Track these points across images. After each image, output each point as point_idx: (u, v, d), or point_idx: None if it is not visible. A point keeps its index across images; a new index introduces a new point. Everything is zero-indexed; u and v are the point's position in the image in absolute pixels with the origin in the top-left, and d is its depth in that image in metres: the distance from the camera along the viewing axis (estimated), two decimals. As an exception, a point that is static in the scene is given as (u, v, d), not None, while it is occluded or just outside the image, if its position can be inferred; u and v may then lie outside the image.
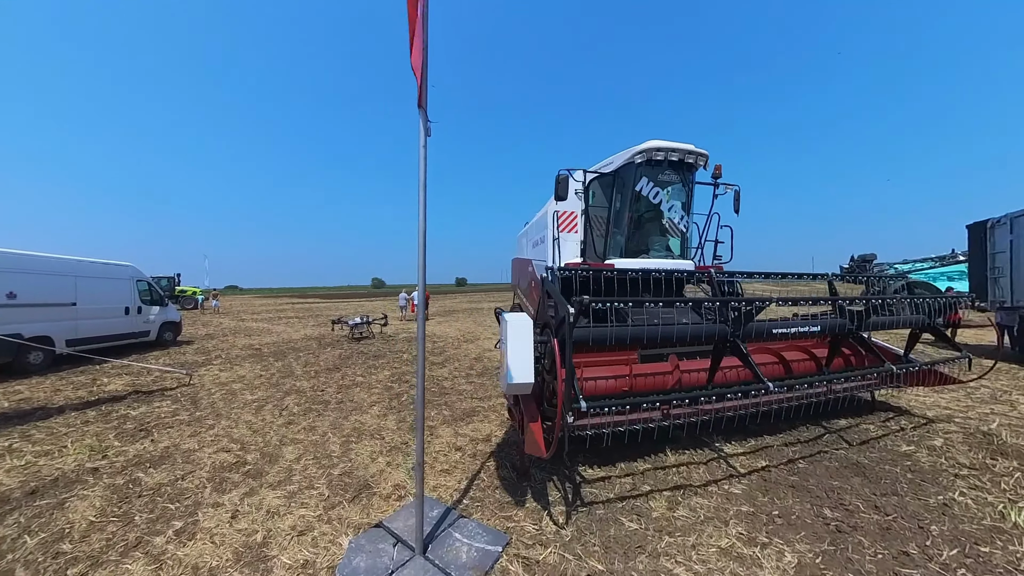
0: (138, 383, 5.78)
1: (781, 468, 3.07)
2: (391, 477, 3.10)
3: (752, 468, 3.07)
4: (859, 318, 3.56)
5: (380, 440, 3.85)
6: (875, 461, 3.14)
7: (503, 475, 3.12)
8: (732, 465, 3.15)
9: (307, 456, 3.48)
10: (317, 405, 4.98)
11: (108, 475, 3.07)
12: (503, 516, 2.58)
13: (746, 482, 2.88)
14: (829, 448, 3.41)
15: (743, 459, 3.25)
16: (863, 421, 4.04)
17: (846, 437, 3.63)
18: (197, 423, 4.26)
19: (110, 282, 7.38)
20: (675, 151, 5.16)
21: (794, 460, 3.20)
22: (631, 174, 5.31)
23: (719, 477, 2.95)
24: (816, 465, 3.11)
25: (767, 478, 2.92)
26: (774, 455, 3.31)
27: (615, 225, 5.62)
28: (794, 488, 2.78)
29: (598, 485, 2.91)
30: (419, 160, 2.15)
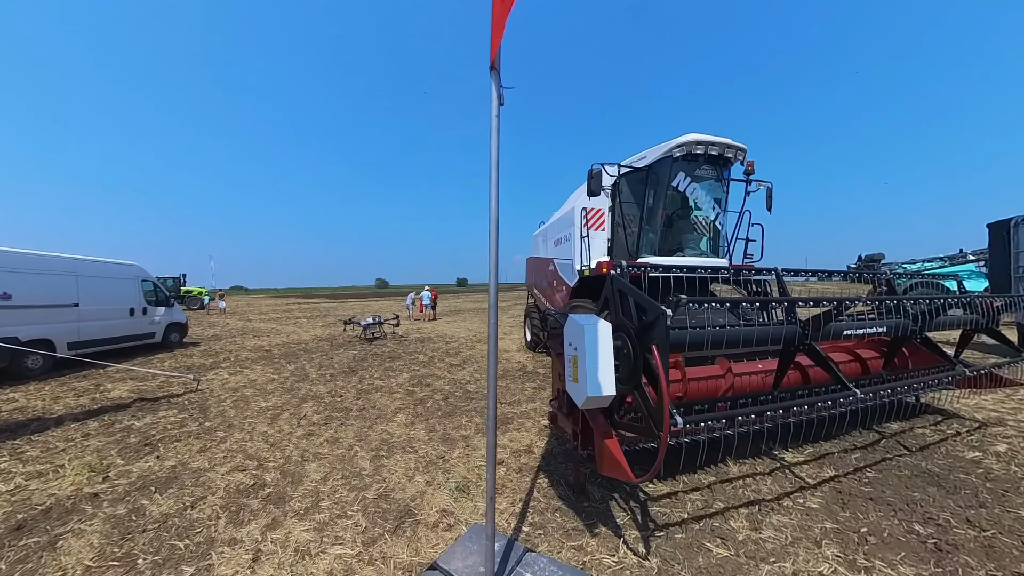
0: (143, 389, 5.25)
1: (850, 478, 2.80)
2: (434, 500, 2.64)
3: (820, 479, 2.80)
4: (923, 318, 3.23)
5: (413, 454, 3.38)
6: (945, 469, 2.90)
7: (559, 493, 2.68)
8: (798, 475, 2.85)
9: (334, 475, 3.00)
10: (338, 413, 4.50)
11: (109, 502, 2.57)
12: (572, 546, 2.16)
13: (820, 495, 2.61)
14: (891, 455, 3.14)
15: (807, 469, 2.96)
16: (914, 425, 3.75)
17: (903, 442, 3.36)
18: (207, 435, 3.76)
19: (114, 282, 6.82)
20: (715, 145, 4.74)
21: (861, 469, 2.92)
22: (666, 169, 4.88)
23: (789, 489, 2.67)
24: (886, 474, 2.84)
25: (840, 489, 2.66)
26: (837, 463, 3.03)
27: (647, 222, 5.19)
28: (872, 501, 2.52)
29: (666, 503, 2.56)
30: (491, 133, 1.69)
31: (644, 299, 2.13)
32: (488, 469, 1.83)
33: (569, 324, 2.26)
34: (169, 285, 21.55)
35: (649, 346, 2.10)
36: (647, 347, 2.13)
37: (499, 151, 1.72)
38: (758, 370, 3.25)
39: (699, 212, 5.13)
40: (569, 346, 2.25)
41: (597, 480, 2.82)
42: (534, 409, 4.56)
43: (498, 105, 1.71)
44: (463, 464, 3.17)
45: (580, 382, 2.08)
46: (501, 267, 1.88)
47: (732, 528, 2.27)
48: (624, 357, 2.24)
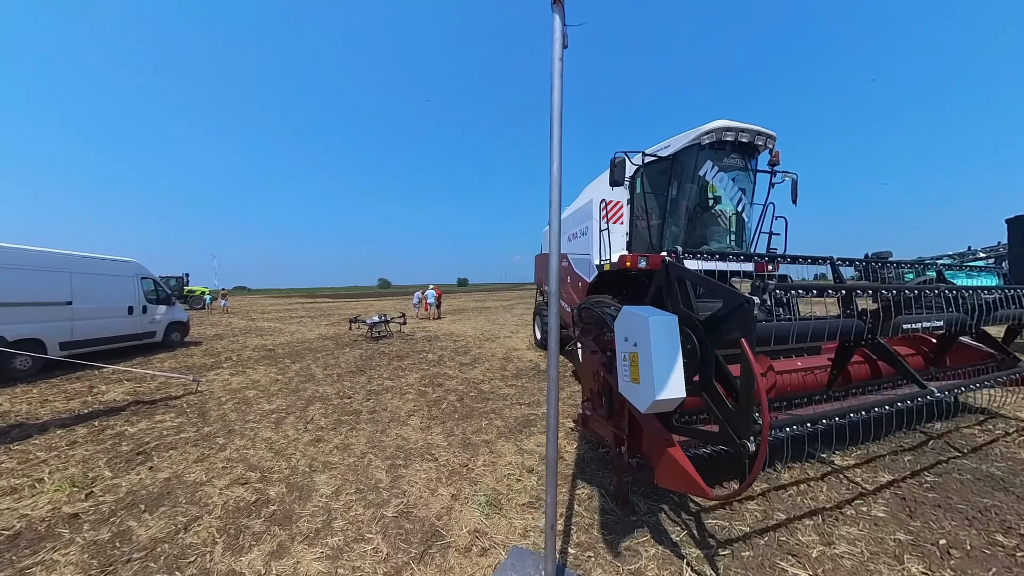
0: (140, 391, 4.84)
1: (909, 483, 2.57)
2: (462, 517, 2.27)
3: (877, 484, 2.57)
4: (981, 311, 2.90)
5: (433, 462, 3.00)
6: (1008, 472, 2.67)
7: (601, 506, 2.33)
8: (853, 481, 2.61)
9: (347, 488, 2.62)
10: (347, 416, 4.11)
11: (91, 524, 2.18)
12: (630, 571, 1.83)
13: (882, 502, 2.37)
14: (944, 457, 2.91)
15: (860, 473, 2.71)
16: (958, 425, 3.48)
17: (952, 444, 3.11)
18: (206, 442, 3.37)
19: (111, 279, 6.38)
20: (745, 131, 4.38)
21: (918, 473, 2.70)
22: (693, 158, 4.53)
23: (848, 496, 2.43)
24: (946, 478, 2.62)
25: (903, 496, 2.43)
26: (891, 467, 2.79)
27: (670, 214, 4.83)
28: (941, 508, 2.29)
29: (721, 514, 2.26)
30: (552, 80, 1.33)
31: (719, 287, 1.78)
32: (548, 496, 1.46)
33: (626, 317, 1.91)
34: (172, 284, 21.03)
35: (723, 340, 1.77)
36: (719, 341, 1.81)
37: (562, 103, 1.36)
38: (798, 368, 2.92)
39: (726, 204, 4.79)
40: (625, 342, 1.91)
41: (640, 489, 2.48)
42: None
43: (561, 47, 1.34)
44: (490, 474, 2.80)
45: (643, 383, 1.75)
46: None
47: (802, 543, 2.00)
48: (689, 354, 1.90)
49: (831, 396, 2.83)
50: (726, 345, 1.77)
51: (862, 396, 2.89)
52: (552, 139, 1.35)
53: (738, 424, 1.70)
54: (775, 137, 4.64)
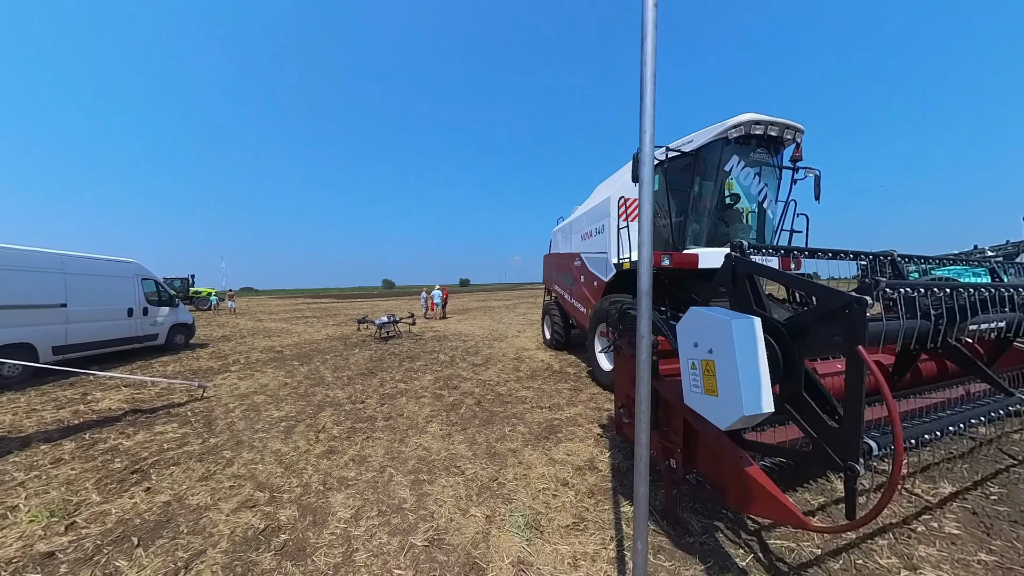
0: (139, 398, 4.40)
1: (975, 495, 2.29)
2: (501, 545, 1.91)
3: (940, 496, 2.29)
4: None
5: (460, 475, 2.65)
6: None
7: (652, 524, 2.00)
8: (914, 492, 2.33)
9: (368, 510, 2.26)
10: (362, 423, 3.74)
11: (69, 566, 1.77)
12: None
13: (952, 517, 2.09)
14: (1001, 465, 2.61)
15: (917, 483, 2.43)
16: (1004, 429, 3.14)
17: (1006, 450, 2.80)
18: (211, 457, 2.98)
19: (109, 280, 5.90)
20: (774, 125, 4.06)
21: (980, 483, 2.41)
22: (718, 153, 4.22)
23: (914, 511, 2.15)
24: (1012, 490, 2.33)
25: (973, 510, 2.15)
26: (948, 476, 2.50)
27: (693, 211, 4.52)
28: (1019, 524, 2.02)
29: (782, 533, 1.96)
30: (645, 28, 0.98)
31: (812, 285, 1.49)
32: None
33: (697, 319, 1.58)
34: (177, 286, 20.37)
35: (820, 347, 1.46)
36: (813, 348, 1.50)
37: (655, 56, 1.00)
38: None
39: (750, 200, 4.48)
40: (695, 347, 1.58)
41: (688, 504, 2.17)
42: (579, 415, 3.86)
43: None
44: (523, 488, 2.45)
45: (724, 396, 1.46)
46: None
47: (883, 567, 1.73)
48: (771, 362, 1.58)
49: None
50: (823, 351, 1.46)
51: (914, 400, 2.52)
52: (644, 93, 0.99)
53: (842, 444, 1.41)
54: (803, 131, 4.33)
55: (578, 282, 6.40)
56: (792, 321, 1.57)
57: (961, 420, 1.80)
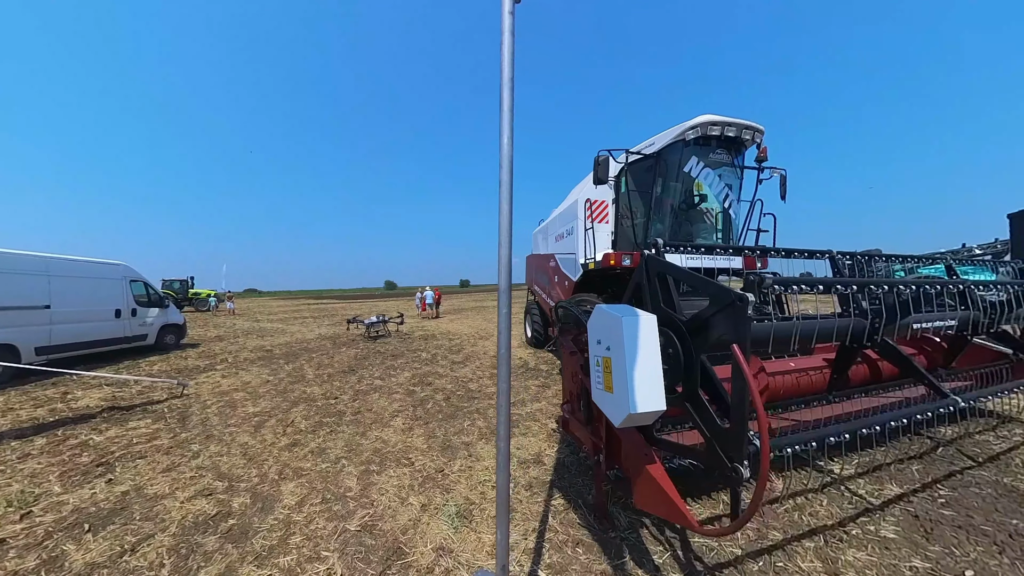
0: (120, 396, 4.55)
1: (921, 498, 2.19)
2: (429, 532, 2.02)
3: (884, 498, 2.19)
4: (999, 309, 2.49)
5: (409, 467, 2.76)
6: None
7: (578, 519, 2.07)
8: (857, 494, 2.24)
9: (314, 498, 2.37)
10: (330, 418, 3.86)
11: (18, 551, 1.89)
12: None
13: (892, 520, 2.00)
14: (957, 467, 2.51)
15: (864, 484, 2.33)
16: (969, 429, 3.04)
17: (965, 451, 2.71)
18: (179, 449, 3.11)
19: (96, 282, 6.05)
20: (732, 126, 4.12)
21: (930, 485, 2.31)
22: (678, 154, 4.28)
23: (852, 513, 2.07)
24: (964, 493, 2.22)
25: (915, 513, 2.05)
26: (898, 477, 2.40)
27: (655, 212, 4.59)
28: (963, 530, 1.91)
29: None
30: (502, 36, 1.06)
31: (706, 282, 1.51)
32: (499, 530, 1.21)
33: (598, 317, 1.65)
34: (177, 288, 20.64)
35: (711, 344, 1.50)
36: (705, 345, 1.54)
37: (513, 66, 1.09)
38: (791, 368, 2.58)
39: (712, 201, 4.54)
40: (598, 344, 1.64)
41: (620, 500, 2.22)
42: (540, 410, 3.96)
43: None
44: (465, 479, 2.56)
45: (617, 393, 1.47)
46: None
47: (803, 570, 1.70)
48: (671, 359, 1.64)
49: (831, 400, 2.52)
50: (715, 349, 1.51)
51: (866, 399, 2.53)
52: (502, 107, 1.09)
53: (729, 444, 1.42)
54: (763, 131, 4.38)
55: (552, 282, 6.49)
56: (692, 319, 1.59)
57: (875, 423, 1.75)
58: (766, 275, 1.39)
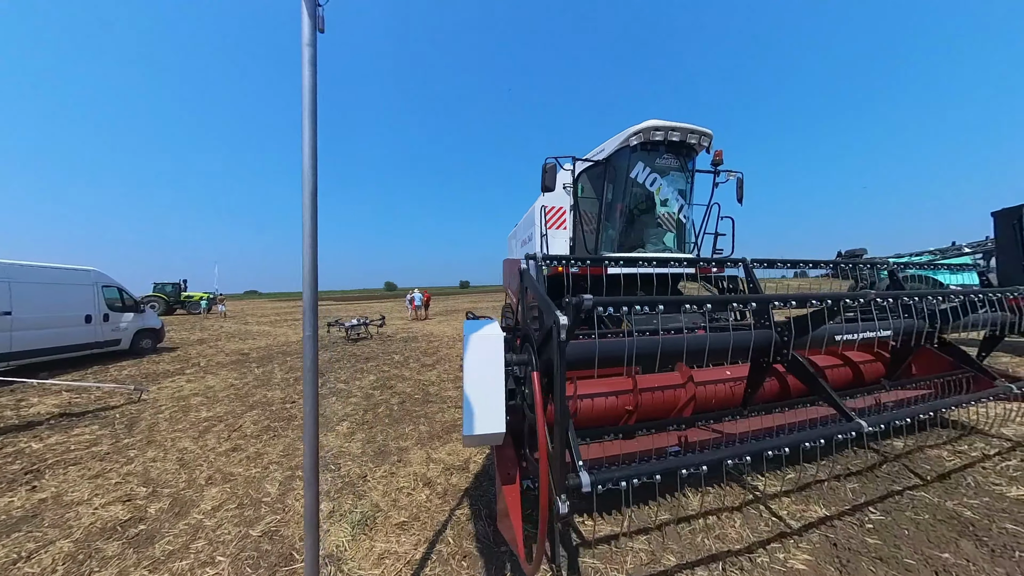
0: (78, 402, 4.60)
1: (847, 521, 1.98)
2: (327, 538, 2.05)
3: (806, 520, 2.01)
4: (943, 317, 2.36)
5: (333, 472, 2.79)
6: (983, 514, 1.99)
7: (477, 531, 2.07)
8: (777, 515, 2.06)
9: (230, 503, 2.41)
10: (279, 422, 3.90)
11: (-77, 556, 1.95)
12: None
13: (807, 546, 1.82)
14: (899, 486, 2.27)
15: (789, 504, 2.15)
16: (924, 442, 2.78)
17: (914, 468, 2.45)
18: (116, 456, 3.15)
19: (63, 288, 6.10)
20: (676, 130, 4.15)
21: (861, 507, 2.08)
22: (625, 160, 4.32)
23: (766, 537, 1.90)
24: (897, 516, 1.99)
25: (835, 541, 1.85)
26: (828, 497, 2.19)
27: (607, 218, 4.63)
28: (883, 563, 1.70)
29: (603, 550, 1.86)
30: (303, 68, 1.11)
31: (544, 301, 1.46)
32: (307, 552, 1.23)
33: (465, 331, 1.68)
34: (168, 291, 20.70)
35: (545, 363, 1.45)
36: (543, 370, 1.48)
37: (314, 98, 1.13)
38: (726, 377, 2.45)
39: (662, 205, 4.57)
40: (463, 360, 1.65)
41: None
42: (487, 413, 3.99)
43: (313, 30, 1.12)
44: (383, 485, 2.59)
45: (465, 413, 1.44)
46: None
47: None
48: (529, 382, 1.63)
49: (745, 415, 2.35)
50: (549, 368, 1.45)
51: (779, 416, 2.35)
52: (304, 140, 1.13)
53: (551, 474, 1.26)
54: (711, 135, 4.40)
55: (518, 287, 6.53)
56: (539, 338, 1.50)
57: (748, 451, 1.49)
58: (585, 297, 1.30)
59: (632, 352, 1.55)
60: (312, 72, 1.12)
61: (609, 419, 2.23)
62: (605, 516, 2.12)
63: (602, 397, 2.24)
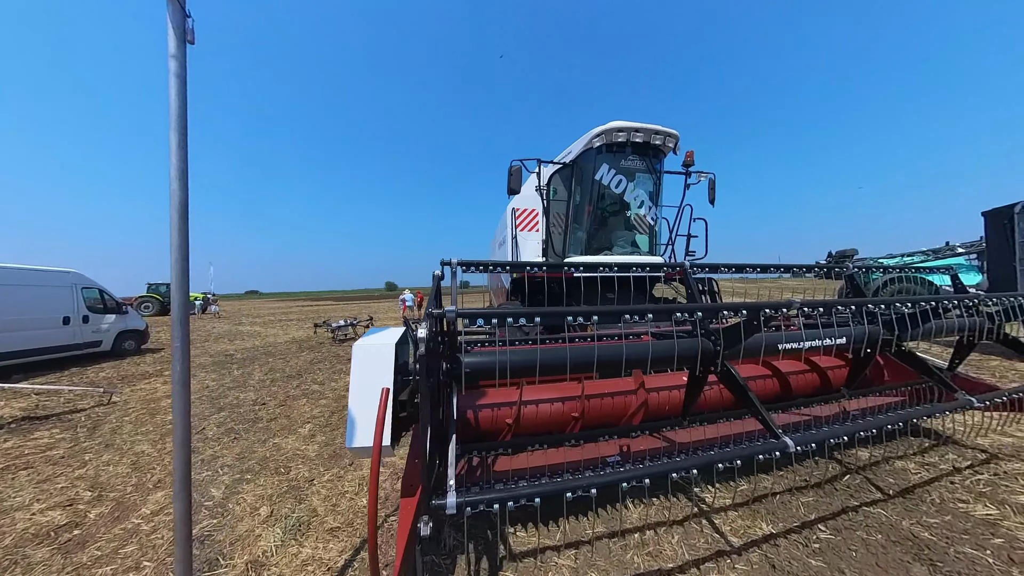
0: (45, 405, 4.59)
1: (793, 540, 1.86)
2: (258, 543, 2.04)
3: (750, 538, 1.89)
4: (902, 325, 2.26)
5: (282, 476, 2.78)
6: (942, 535, 1.83)
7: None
8: (720, 530, 1.95)
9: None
10: (243, 425, 3.89)
11: None
12: None
13: (743, 567, 1.70)
14: (856, 501, 2.12)
15: (734, 518, 2.04)
16: (890, 452, 2.63)
17: (875, 481, 2.30)
18: (70, 460, 3.14)
19: (39, 290, 6.08)
20: (639, 131, 4.12)
21: (811, 524, 1.96)
22: (591, 161, 4.31)
23: (703, 554, 1.79)
24: (848, 536, 1.85)
25: (775, 560, 1.73)
26: (777, 512, 2.07)
27: (575, 220, 4.62)
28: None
29: (527, 564, 1.78)
30: (169, 80, 1.08)
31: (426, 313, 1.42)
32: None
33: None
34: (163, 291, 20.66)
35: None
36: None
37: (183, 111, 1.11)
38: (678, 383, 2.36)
39: (629, 207, 4.56)
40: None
41: (459, 520, 1.95)
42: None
43: (181, 43, 1.11)
44: (327, 489, 2.58)
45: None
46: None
47: None
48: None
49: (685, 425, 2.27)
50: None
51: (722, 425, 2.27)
52: (171, 151, 1.12)
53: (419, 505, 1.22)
54: (677, 136, 4.36)
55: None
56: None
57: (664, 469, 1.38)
58: (448, 309, 1.29)
59: (537, 362, 1.54)
60: (179, 84, 1.10)
61: (554, 426, 2.22)
62: (543, 526, 2.06)
63: (547, 403, 2.24)
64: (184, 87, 1.12)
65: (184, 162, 1.13)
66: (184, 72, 1.11)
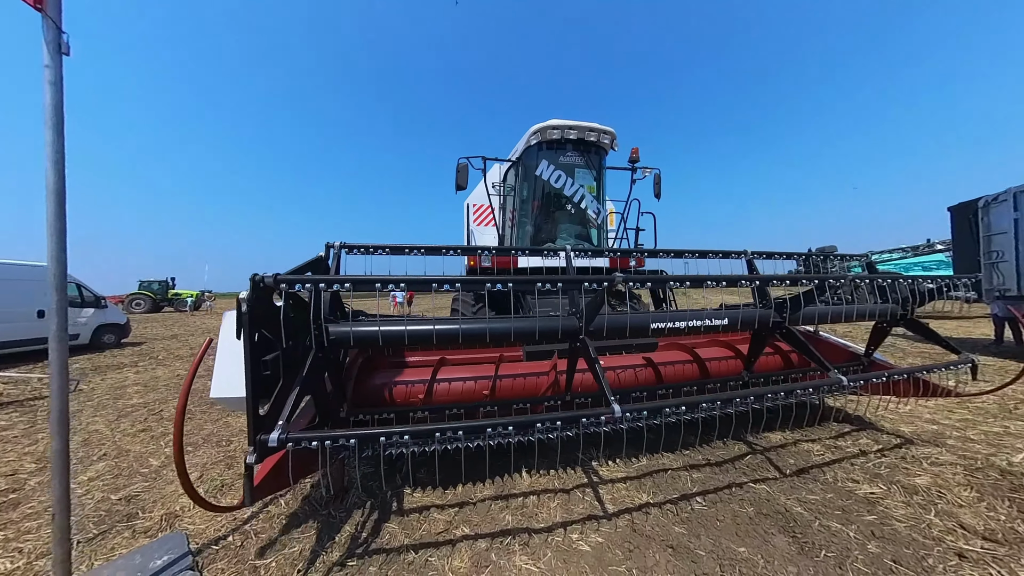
0: (11, 393, 4.66)
1: (666, 510, 1.92)
2: (177, 501, 2.19)
3: (627, 506, 1.96)
4: (790, 307, 2.28)
5: (222, 448, 2.92)
6: (814, 510, 1.86)
7: (314, 494, 2.16)
8: (601, 499, 2.03)
9: (109, 474, 2.53)
10: (201, 407, 4.01)
11: None
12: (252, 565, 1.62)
13: (607, 530, 1.77)
14: (747, 478, 2.18)
15: (620, 489, 2.12)
16: (805, 436, 2.67)
17: (777, 461, 2.36)
18: (23, 439, 3.20)
19: (14, 284, 6.12)
20: (573, 128, 4.28)
21: (690, 496, 2.02)
22: (533, 158, 4.52)
23: (575, 518, 1.87)
24: (720, 508, 1.92)
25: (640, 527, 1.79)
26: (664, 485, 2.14)
27: (523, 214, 4.83)
28: (673, 551, 1.63)
29: (413, 519, 1.92)
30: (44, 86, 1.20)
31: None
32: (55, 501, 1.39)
33: None
34: (155, 288, 20.53)
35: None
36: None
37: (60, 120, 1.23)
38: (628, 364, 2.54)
39: (570, 202, 4.77)
40: None
41: (374, 481, 2.24)
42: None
43: (57, 54, 1.29)
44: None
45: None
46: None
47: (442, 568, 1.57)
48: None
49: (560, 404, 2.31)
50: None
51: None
52: (47, 145, 1.30)
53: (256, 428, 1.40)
54: (613, 133, 4.49)
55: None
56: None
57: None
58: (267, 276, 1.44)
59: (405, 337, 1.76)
60: (54, 91, 1.27)
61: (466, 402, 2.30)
62: (435, 490, 2.20)
63: (459, 382, 2.42)
64: (60, 92, 1.28)
65: (60, 154, 1.31)
66: (59, 79, 1.28)
